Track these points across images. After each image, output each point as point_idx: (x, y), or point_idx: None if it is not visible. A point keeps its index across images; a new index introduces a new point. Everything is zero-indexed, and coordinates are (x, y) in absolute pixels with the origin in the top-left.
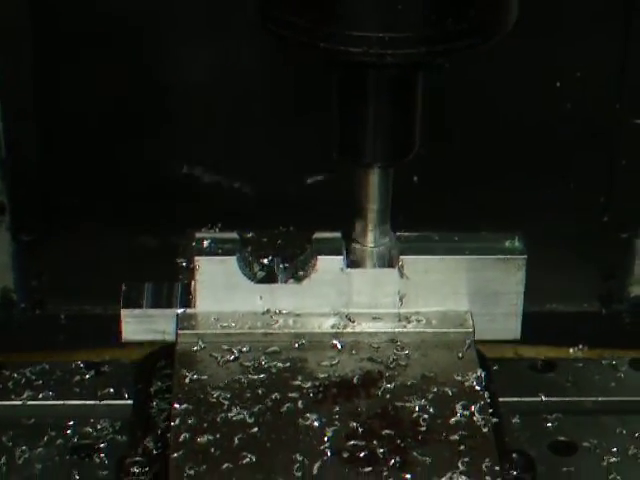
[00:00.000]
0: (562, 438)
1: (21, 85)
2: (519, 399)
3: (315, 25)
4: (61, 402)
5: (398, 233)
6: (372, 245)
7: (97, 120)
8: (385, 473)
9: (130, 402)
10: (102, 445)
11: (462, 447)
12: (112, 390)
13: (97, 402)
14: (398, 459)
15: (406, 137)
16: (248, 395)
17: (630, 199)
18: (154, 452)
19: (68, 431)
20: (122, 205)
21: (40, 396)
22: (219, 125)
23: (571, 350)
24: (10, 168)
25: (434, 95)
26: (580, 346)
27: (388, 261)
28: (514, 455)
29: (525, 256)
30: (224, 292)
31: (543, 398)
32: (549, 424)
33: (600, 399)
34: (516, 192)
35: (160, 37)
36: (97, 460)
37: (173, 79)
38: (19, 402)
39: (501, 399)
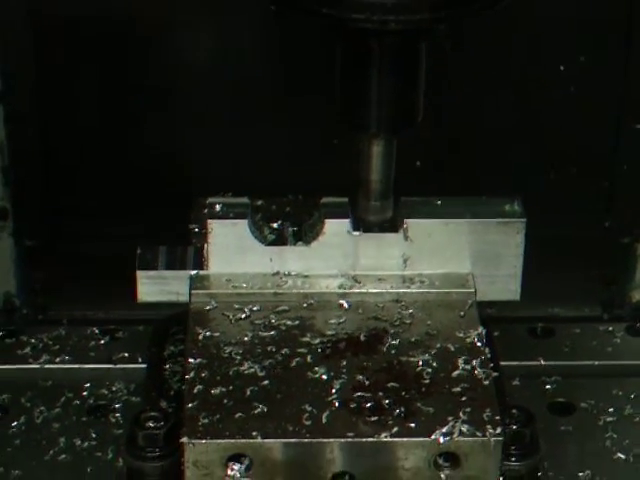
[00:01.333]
0: (560, 399)
1: (24, 90)
2: (519, 363)
3: None
4: (77, 366)
5: (402, 198)
6: (374, 219)
7: (100, 126)
8: (390, 422)
9: (144, 366)
10: (117, 406)
11: (464, 398)
12: (126, 354)
13: (112, 366)
14: (403, 409)
15: (410, 107)
16: (259, 350)
17: (631, 204)
18: (169, 410)
19: (84, 393)
20: (125, 210)
21: (57, 360)
22: (220, 109)
23: None
24: (13, 174)
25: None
26: None
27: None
28: (514, 410)
29: (524, 219)
30: (235, 254)
31: (542, 362)
32: (548, 386)
33: (597, 363)
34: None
35: (159, 21)
36: (112, 420)
37: (174, 64)
38: (37, 366)
39: (502, 362)
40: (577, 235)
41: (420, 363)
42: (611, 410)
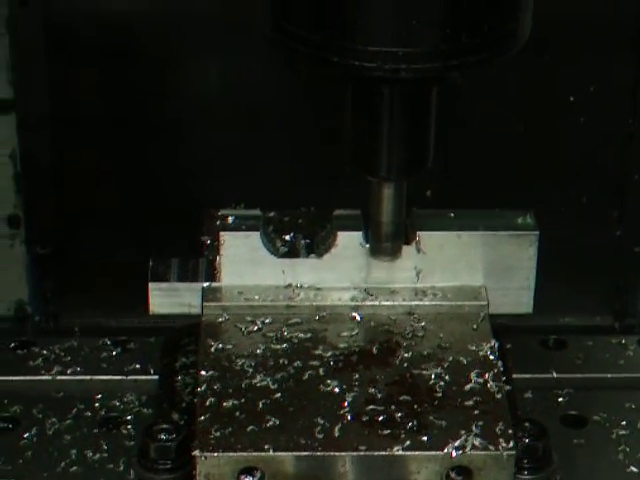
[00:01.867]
0: (573, 412)
1: (37, 98)
2: (531, 376)
3: (328, 40)
4: (89, 377)
5: (414, 209)
6: (384, 259)
7: (112, 133)
8: (402, 435)
9: (156, 377)
10: (129, 417)
11: (476, 412)
12: (138, 366)
13: (124, 377)
14: (415, 422)
15: (420, 151)
16: (271, 363)
17: None
18: (180, 422)
19: (96, 404)
20: (137, 217)
21: (69, 371)
22: (231, 137)
23: None
24: (25, 182)
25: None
26: None
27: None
28: (526, 424)
29: (537, 232)
30: (248, 266)
31: (554, 374)
32: (560, 399)
33: (610, 376)
34: (528, 206)
35: (172, 48)
36: (124, 431)
37: (186, 91)
38: (49, 377)
39: (514, 375)
40: (589, 244)
41: (432, 376)
42: (624, 423)
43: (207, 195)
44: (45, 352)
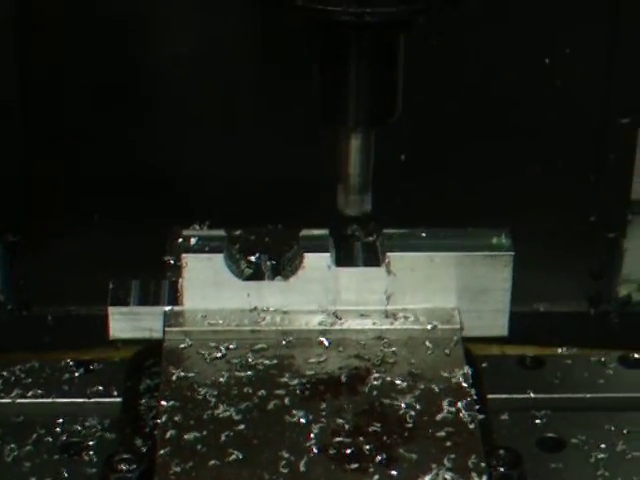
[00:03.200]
0: (550, 434)
1: (6, 84)
2: (508, 396)
3: None
4: (50, 400)
5: (385, 230)
6: (352, 213)
7: (87, 120)
8: (371, 469)
9: (119, 400)
10: (91, 443)
11: (448, 443)
12: (101, 388)
13: (86, 400)
14: (384, 456)
15: (388, 101)
16: (235, 392)
17: (617, 198)
18: (142, 450)
19: (57, 429)
20: (108, 205)
21: (29, 394)
22: (206, 104)
23: (559, 350)
24: None
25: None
26: (565, 349)
27: (375, 257)
28: (501, 451)
29: (512, 253)
30: (211, 289)
31: (532, 395)
32: (538, 420)
33: (589, 396)
34: (502, 192)
35: (144, 17)
36: (86, 458)
37: (157, 58)
38: (8, 400)
39: (490, 396)
40: (563, 230)
41: (403, 406)
42: (603, 446)
43: (182, 176)
44: (5, 374)
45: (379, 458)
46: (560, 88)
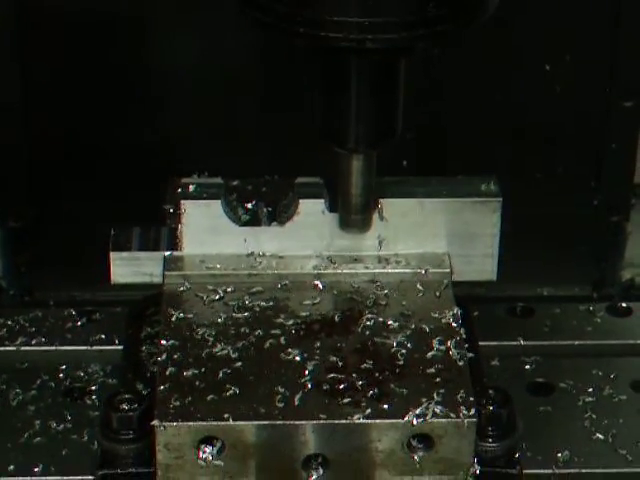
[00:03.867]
0: (540, 379)
1: (6, 69)
2: (498, 343)
3: (295, 10)
4: (53, 348)
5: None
6: (353, 231)
7: (85, 107)
8: (363, 404)
9: (120, 347)
10: (93, 388)
11: (438, 379)
12: (103, 336)
13: (89, 347)
14: (376, 391)
15: (389, 122)
16: (232, 332)
17: (619, 182)
18: (143, 392)
19: (60, 375)
20: (110, 190)
21: (33, 342)
22: (206, 108)
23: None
24: None
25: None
26: None
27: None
28: (490, 391)
29: (500, 198)
30: (209, 235)
31: (522, 342)
32: (527, 366)
33: (577, 343)
34: (505, 176)
35: (144, 22)
36: (89, 402)
37: (158, 63)
38: (13, 348)
39: (481, 342)
40: (566, 214)
41: (394, 344)
42: (590, 390)
43: (186, 166)
44: (10, 322)
45: (371, 392)
46: (564, 70)
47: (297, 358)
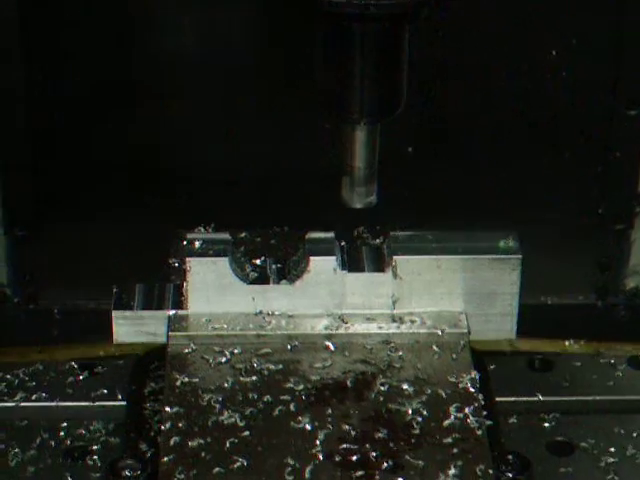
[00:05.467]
0: (560, 438)
1: (11, 77)
2: (516, 398)
3: None
4: (54, 403)
5: (392, 232)
6: (358, 205)
7: (90, 113)
8: (377, 477)
9: (124, 403)
10: (95, 447)
11: (455, 450)
12: (106, 391)
13: (90, 403)
14: (391, 462)
15: (393, 92)
16: (240, 398)
17: (624, 190)
18: (147, 455)
19: (61, 433)
20: (115, 199)
21: (33, 397)
22: (209, 97)
23: (567, 343)
24: (1, 163)
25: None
26: (573, 341)
27: (381, 261)
28: (509, 456)
29: (520, 256)
30: (216, 293)
31: (540, 397)
32: (546, 424)
33: (598, 398)
34: (509, 184)
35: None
36: (90, 462)
37: (160, 51)
38: (12, 404)
39: (498, 398)
40: (570, 222)
41: (410, 411)
42: (612, 450)
43: (188, 169)
44: (9, 377)
45: (385, 465)
46: (567, 80)
47: (308, 427)
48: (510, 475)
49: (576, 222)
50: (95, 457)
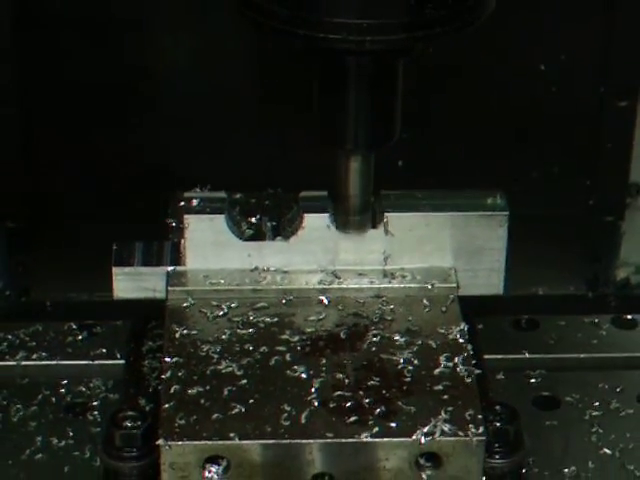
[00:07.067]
0: (545, 393)
1: (2, 71)
2: (503, 356)
3: (294, 12)
4: (54, 362)
5: (382, 191)
6: (352, 232)
7: (81, 107)
8: (370, 422)
9: (122, 362)
10: (95, 403)
11: (445, 397)
12: (104, 350)
13: (90, 362)
14: (383, 408)
15: (387, 123)
16: (237, 349)
17: (615, 182)
18: (146, 408)
19: (61, 390)
20: (107, 192)
21: (34, 357)
22: (202, 113)
23: None
24: None
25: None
26: None
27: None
28: (497, 407)
29: (507, 212)
30: (213, 250)
31: (527, 355)
32: (532, 380)
33: (582, 356)
34: (501, 176)
35: (142, 24)
36: (90, 418)
37: (155, 66)
38: (13, 363)
39: (486, 356)
40: (561, 213)
41: (401, 361)
42: (597, 404)
43: (183, 173)
44: (10, 337)
45: (378, 411)
46: (557, 70)
47: (303, 375)
48: (498, 424)
49: (567, 213)
50: (95, 412)
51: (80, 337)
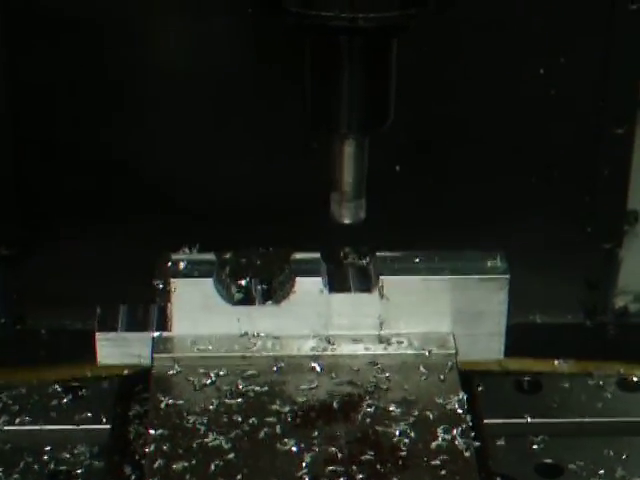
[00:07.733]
0: (548, 460)
1: None
2: (504, 420)
3: None
4: (38, 427)
5: (378, 253)
6: (347, 220)
7: (75, 129)
8: None
9: (108, 427)
10: (79, 471)
11: (443, 472)
12: (90, 414)
13: (75, 427)
14: None
15: (381, 106)
16: (225, 420)
17: (613, 210)
18: (132, 478)
19: (45, 457)
20: (103, 219)
21: (17, 421)
22: (198, 112)
23: (556, 362)
24: None
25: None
26: (563, 360)
27: (368, 281)
28: (497, 479)
29: (507, 276)
30: (201, 314)
31: (529, 420)
32: (535, 446)
33: (587, 420)
34: (499, 203)
35: (134, 22)
36: None
37: (148, 64)
38: None
39: (486, 420)
40: (559, 241)
41: (397, 433)
42: (602, 472)
43: (175, 190)
44: None
45: None
46: (555, 98)
47: (293, 449)
48: None
49: (565, 240)
50: None
51: (65, 400)
